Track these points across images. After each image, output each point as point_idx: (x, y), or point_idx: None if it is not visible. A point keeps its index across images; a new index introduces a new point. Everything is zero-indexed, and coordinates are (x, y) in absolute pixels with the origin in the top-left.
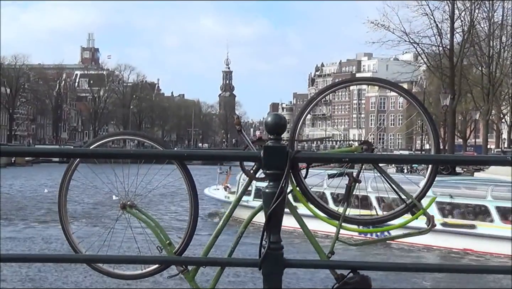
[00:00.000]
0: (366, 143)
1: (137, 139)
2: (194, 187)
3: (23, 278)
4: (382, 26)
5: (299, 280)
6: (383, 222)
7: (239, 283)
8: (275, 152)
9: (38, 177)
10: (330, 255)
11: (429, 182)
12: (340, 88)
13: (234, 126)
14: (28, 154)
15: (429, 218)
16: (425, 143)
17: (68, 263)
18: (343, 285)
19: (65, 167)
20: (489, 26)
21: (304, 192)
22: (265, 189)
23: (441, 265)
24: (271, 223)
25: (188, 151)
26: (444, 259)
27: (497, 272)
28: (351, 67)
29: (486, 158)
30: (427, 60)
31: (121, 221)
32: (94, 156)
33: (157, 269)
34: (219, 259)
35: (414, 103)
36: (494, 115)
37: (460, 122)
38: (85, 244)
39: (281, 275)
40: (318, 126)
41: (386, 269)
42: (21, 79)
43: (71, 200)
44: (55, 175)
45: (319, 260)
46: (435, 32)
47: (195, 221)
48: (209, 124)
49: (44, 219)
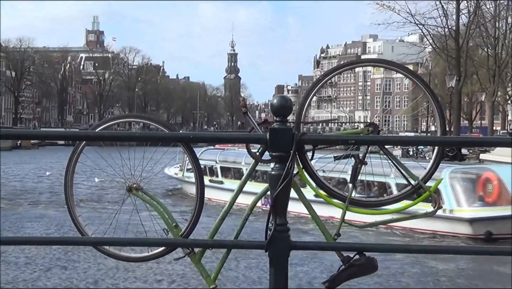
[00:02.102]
0: (372, 125)
1: (143, 121)
2: (200, 170)
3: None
4: (387, 7)
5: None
6: (389, 204)
7: (245, 266)
8: (281, 134)
9: (44, 159)
10: (336, 237)
11: (435, 164)
12: (346, 70)
13: (239, 108)
14: (35, 137)
15: (435, 200)
16: (430, 125)
17: (75, 245)
18: (349, 267)
19: (71, 149)
20: (495, 7)
21: (310, 174)
22: (271, 171)
23: (443, 247)
24: (277, 205)
25: (194, 133)
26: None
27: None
28: (357, 49)
29: (492, 140)
30: (432, 41)
31: (127, 204)
32: (99, 138)
33: (163, 251)
34: (225, 241)
35: (420, 85)
36: (500, 97)
37: (466, 104)
38: (91, 226)
39: (288, 257)
40: (324, 108)
41: (393, 251)
42: (26, 62)
43: (76, 182)
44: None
45: (325, 242)
46: (440, 13)
47: (201, 204)
48: (214, 106)
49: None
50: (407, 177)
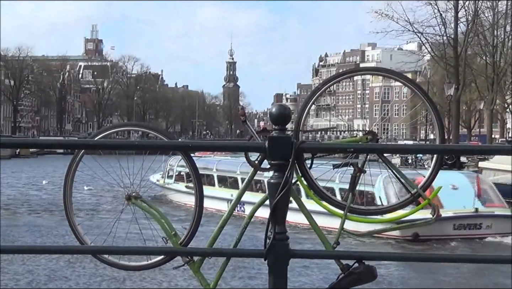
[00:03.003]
0: (371, 134)
1: (142, 130)
2: (199, 177)
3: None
4: (386, 15)
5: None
6: (388, 213)
7: (244, 275)
8: (280, 142)
9: (41, 168)
10: (335, 245)
11: (434, 172)
12: (345, 78)
13: (238, 117)
14: (34, 146)
15: (434, 208)
16: (429, 133)
17: (74, 254)
18: (348, 275)
19: (70, 158)
20: (493, 15)
21: (309, 183)
22: (270, 179)
23: (443, 255)
24: (276, 213)
25: (192, 142)
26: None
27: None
28: (355, 57)
29: (491, 148)
30: (431, 50)
31: (126, 212)
32: (99, 147)
33: (162, 260)
34: (224, 249)
35: (419, 93)
36: (499, 105)
37: (464, 112)
38: (90, 235)
39: (287, 266)
40: (322, 116)
41: (391, 259)
42: (25, 71)
43: (75, 191)
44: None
45: (325, 250)
46: (439, 21)
47: (200, 212)
48: (213, 115)
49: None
50: (406, 185)
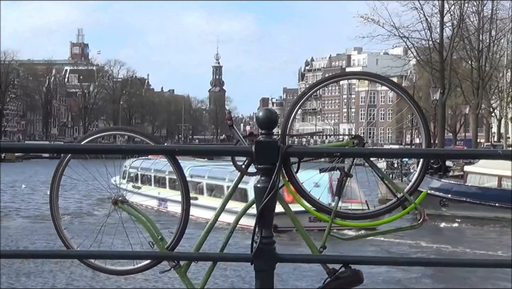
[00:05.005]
0: (357, 138)
1: (128, 134)
2: (186, 181)
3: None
4: (371, 20)
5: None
6: (374, 216)
7: (231, 279)
8: (266, 147)
9: (25, 173)
10: (322, 249)
11: (420, 176)
12: (331, 82)
13: (224, 121)
14: (20, 150)
15: (420, 212)
16: (415, 137)
17: (60, 259)
18: (334, 280)
19: (55, 162)
20: (479, 20)
21: (296, 187)
22: (256, 183)
23: (432, 259)
24: (263, 218)
25: (179, 146)
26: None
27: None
28: (341, 62)
29: (477, 152)
30: (417, 54)
31: (113, 217)
32: (85, 151)
33: (149, 264)
34: (211, 254)
35: (405, 97)
36: (484, 109)
37: (450, 116)
38: (77, 239)
39: (273, 270)
40: (309, 121)
41: (378, 263)
42: (10, 75)
43: (61, 195)
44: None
45: (311, 254)
46: (424, 26)
47: (187, 216)
48: (199, 119)
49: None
50: (392, 189)
